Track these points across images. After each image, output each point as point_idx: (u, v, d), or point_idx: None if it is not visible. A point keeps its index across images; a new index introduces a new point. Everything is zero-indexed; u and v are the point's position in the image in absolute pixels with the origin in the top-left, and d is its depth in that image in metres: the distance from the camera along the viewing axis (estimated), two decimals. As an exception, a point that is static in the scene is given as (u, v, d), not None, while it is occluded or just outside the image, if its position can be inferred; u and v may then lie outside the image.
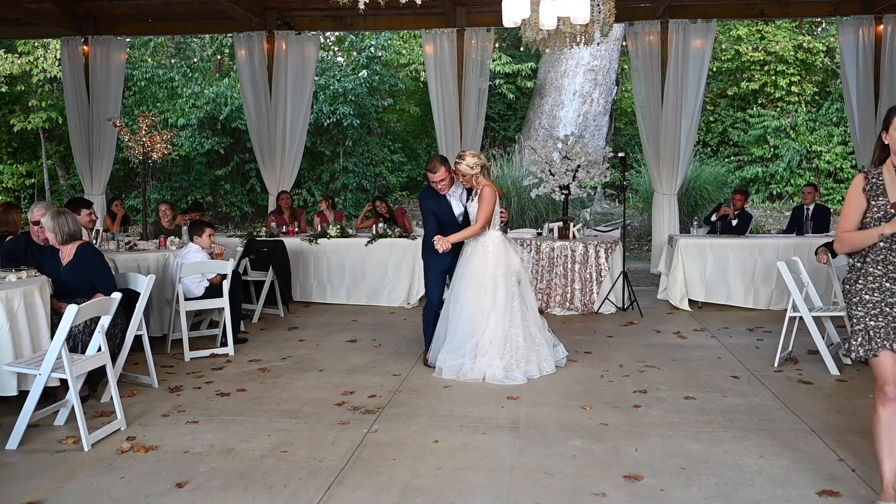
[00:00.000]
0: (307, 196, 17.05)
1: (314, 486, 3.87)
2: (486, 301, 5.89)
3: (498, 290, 5.91)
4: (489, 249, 5.97)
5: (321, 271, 9.43)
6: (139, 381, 5.76)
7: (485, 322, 5.90)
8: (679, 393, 5.47)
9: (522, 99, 18.37)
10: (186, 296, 6.76)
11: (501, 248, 6.00)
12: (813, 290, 6.44)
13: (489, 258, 5.95)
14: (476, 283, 5.92)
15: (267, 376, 6.05)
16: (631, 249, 14.10)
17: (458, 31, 10.74)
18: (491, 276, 5.91)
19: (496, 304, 5.89)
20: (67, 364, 4.39)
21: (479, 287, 5.91)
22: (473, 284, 5.93)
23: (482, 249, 5.98)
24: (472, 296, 5.92)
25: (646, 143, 10.72)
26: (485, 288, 5.91)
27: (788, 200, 16.86)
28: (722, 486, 3.81)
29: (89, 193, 11.48)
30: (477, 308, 5.90)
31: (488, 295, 5.91)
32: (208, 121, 16.86)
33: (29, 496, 3.76)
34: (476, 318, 5.90)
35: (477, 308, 5.90)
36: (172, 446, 4.45)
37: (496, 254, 5.96)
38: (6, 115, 17.28)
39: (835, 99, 17.61)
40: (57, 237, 5.46)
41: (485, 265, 5.95)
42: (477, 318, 5.90)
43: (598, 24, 6.67)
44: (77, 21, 11.29)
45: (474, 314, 5.90)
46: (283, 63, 11.06)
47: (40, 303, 4.95)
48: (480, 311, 5.89)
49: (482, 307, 5.89)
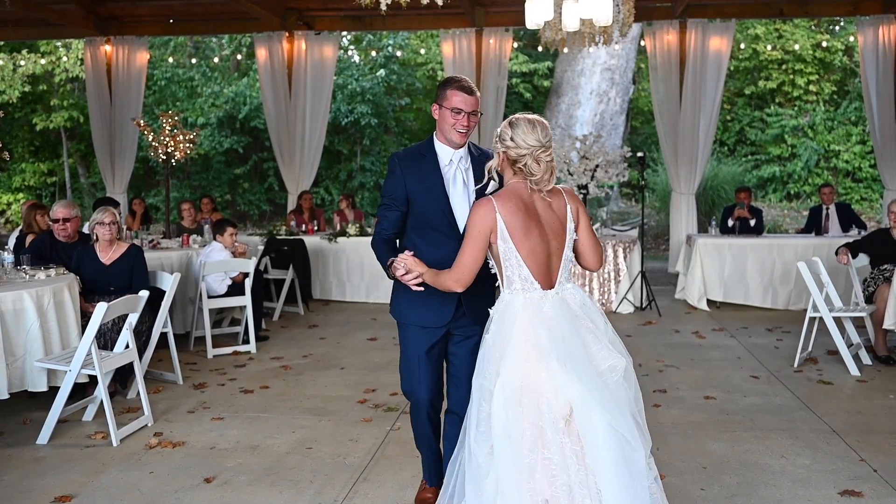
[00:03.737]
0: (324, 195, 17.15)
1: (340, 482, 3.93)
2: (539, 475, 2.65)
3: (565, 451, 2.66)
4: (516, 338, 2.76)
5: (340, 270, 9.50)
6: (164, 377, 5.85)
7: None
8: (699, 392, 5.50)
9: (539, 98, 18.37)
10: (209, 294, 6.85)
11: (547, 345, 2.72)
12: (833, 290, 6.44)
13: (520, 365, 2.72)
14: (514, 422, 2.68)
15: (289, 374, 6.12)
16: (648, 249, 14.09)
17: (477, 32, 10.77)
18: (538, 415, 2.67)
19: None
20: (97, 361, 4.48)
21: (522, 434, 2.67)
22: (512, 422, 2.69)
23: (504, 338, 2.79)
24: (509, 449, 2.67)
25: (664, 142, 10.72)
26: (535, 438, 2.67)
27: (806, 200, 16.78)
28: (744, 486, 3.83)
29: (111, 192, 11.61)
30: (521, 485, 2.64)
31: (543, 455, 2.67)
32: (227, 120, 16.99)
33: (61, 490, 3.84)
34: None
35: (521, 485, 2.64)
36: (199, 442, 4.53)
37: (536, 357, 2.71)
38: (28, 115, 17.49)
39: (853, 98, 17.50)
40: (116, 235, 5.68)
41: (519, 383, 2.70)
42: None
43: (618, 24, 6.69)
44: (99, 22, 11.41)
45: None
46: (303, 63, 11.13)
47: (69, 300, 5.04)
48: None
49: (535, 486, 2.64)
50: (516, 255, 2.81)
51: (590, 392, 2.61)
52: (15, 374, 4.70)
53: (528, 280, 2.82)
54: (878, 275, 6.66)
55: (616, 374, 2.68)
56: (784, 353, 6.70)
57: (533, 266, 2.81)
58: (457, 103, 3.18)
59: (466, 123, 3.20)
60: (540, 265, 2.83)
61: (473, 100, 3.21)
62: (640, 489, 2.59)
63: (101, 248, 5.65)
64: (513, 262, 2.82)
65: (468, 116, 3.20)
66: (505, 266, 2.84)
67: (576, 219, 2.91)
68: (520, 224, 2.80)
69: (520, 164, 2.83)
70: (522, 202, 2.83)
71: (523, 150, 2.81)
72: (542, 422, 2.64)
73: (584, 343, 2.72)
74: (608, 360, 2.70)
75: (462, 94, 3.19)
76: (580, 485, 2.60)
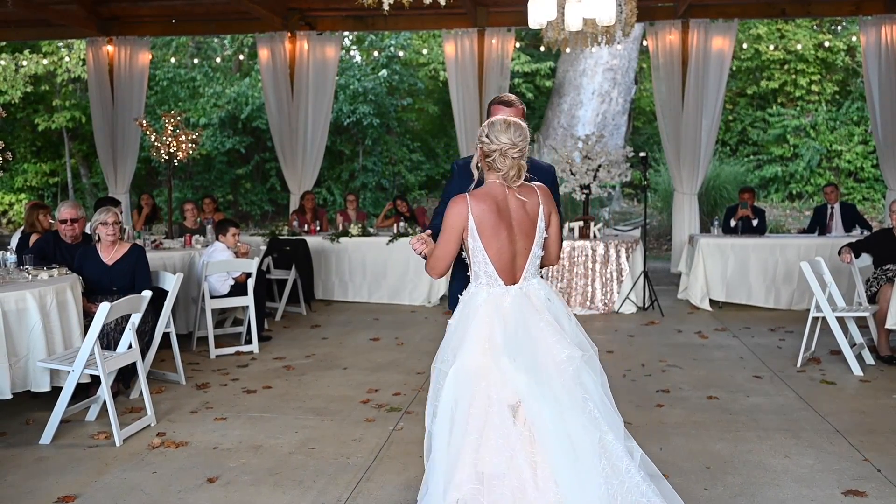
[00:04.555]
0: (326, 195, 17.16)
1: (343, 482, 3.93)
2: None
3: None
4: (474, 330, 2.96)
5: (343, 270, 9.50)
6: (167, 377, 5.85)
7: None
8: (702, 392, 5.49)
9: (541, 98, 18.35)
10: (212, 294, 6.85)
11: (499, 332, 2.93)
12: (836, 290, 6.43)
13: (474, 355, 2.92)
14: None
15: (292, 374, 6.12)
16: (651, 249, 14.08)
17: (479, 32, 10.77)
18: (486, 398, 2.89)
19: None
20: (100, 361, 4.48)
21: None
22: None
23: (464, 328, 3.00)
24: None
25: (666, 142, 10.71)
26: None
27: (808, 200, 16.76)
28: (747, 486, 3.83)
29: (113, 192, 11.61)
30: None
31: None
32: (229, 120, 17.00)
33: (64, 490, 3.84)
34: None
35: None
36: (202, 442, 4.53)
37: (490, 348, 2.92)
38: (30, 115, 17.52)
39: (855, 98, 17.48)
40: (119, 235, 5.69)
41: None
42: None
43: (620, 24, 6.69)
44: (101, 22, 11.41)
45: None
46: (305, 63, 11.13)
47: (72, 300, 5.04)
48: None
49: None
50: (483, 252, 2.98)
51: (537, 383, 2.82)
52: (18, 374, 4.70)
53: (493, 276, 3.00)
54: (880, 275, 6.65)
55: (573, 363, 2.87)
56: (787, 352, 6.69)
57: (498, 264, 2.99)
58: (496, 114, 3.38)
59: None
60: (505, 263, 3.00)
61: (513, 111, 3.46)
62: (590, 471, 2.75)
63: (103, 248, 5.65)
64: (479, 259, 3.00)
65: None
66: (473, 261, 3.02)
67: (547, 219, 3.06)
68: (490, 224, 2.97)
69: (489, 159, 3.00)
70: (496, 203, 2.99)
71: (494, 147, 2.97)
72: (491, 408, 2.84)
73: (540, 335, 2.91)
74: (565, 350, 2.89)
75: (503, 108, 3.51)
76: (529, 465, 2.80)
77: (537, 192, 3.06)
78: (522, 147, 2.98)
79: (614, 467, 2.80)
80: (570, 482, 2.75)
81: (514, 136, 2.96)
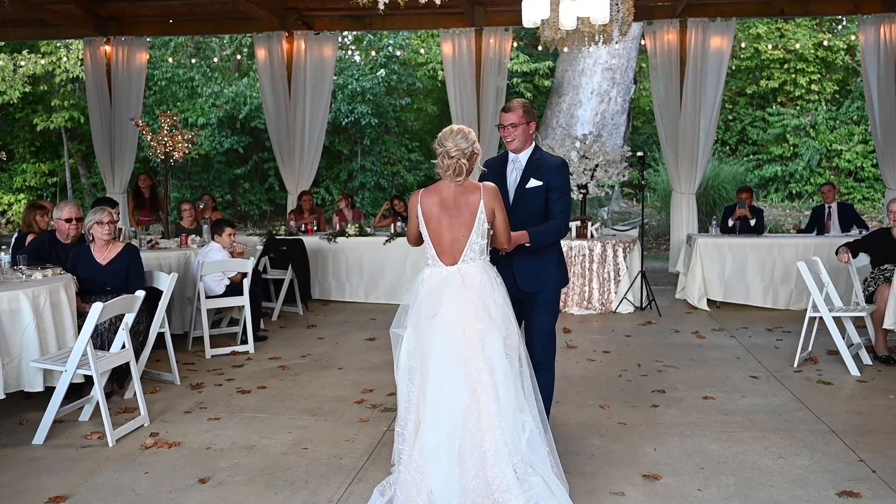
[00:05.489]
0: (325, 195, 17.14)
1: (335, 482, 3.91)
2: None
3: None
4: (417, 302, 3.69)
5: (340, 270, 9.48)
6: (161, 378, 5.84)
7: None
8: (698, 393, 5.47)
9: (540, 98, 18.34)
10: (207, 294, 6.84)
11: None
12: (833, 290, 6.41)
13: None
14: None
15: (287, 374, 6.10)
16: (649, 249, 14.07)
17: (477, 31, 10.74)
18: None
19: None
20: (93, 361, 4.46)
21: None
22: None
23: (412, 300, 3.74)
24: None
25: (664, 142, 10.69)
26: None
27: (808, 199, 16.74)
28: (741, 487, 3.81)
29: (110, 192, 11.59)
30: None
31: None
32: (228, 120, 16.99)
33: (55, 490, 3.83)
34: None
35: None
36: (195, 442, 4.51)
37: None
38: (29, 115, 17.51)
39: (855, 97, 17.46)
40: (113, 235, 5.68)
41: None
42: None
43: (617, 23, 6.66)
44: (99, 22, 11.40)
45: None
46: (302, 63, 11.11)
47: (66, 300, 5.03)
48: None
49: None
50: (428, 237, 3.66)
51: (445, 349, 3.46)
52: (11, 375, 4.69)
53: (434, 258, 3.66)
54: (878, 274, 6.63)
55: (477, 334, 3.46)
56: (784, 353, 6.67)
57: (438, 248, 3.64)
58: (500, 120, 4.18)
59: (506, 134, 4.14)
60: (445, 248, 3.62)
61: (508, 115, 4.13)
62: (452, 428, 3.39)
63: (97, 247, 5.64)
64: (427, 243, 3.68)
65: (506, 129, 4.13)
66: (424, 245, 3.70)
67: (489, 214, 3.61)
68: (434, 214, 3.62)
69: (436, 158, 3.64)
70: (440, 197, 3.64)
71: (439, 150, 3.62)
72: (428, 363, 3.48)
73: (451, 301, 3.52)
74: (478, 324, 3.47)
75: (502, 113, 4.18)
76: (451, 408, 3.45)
77: (481, 191, 3.60)
78: (463, 149, 3.57)
79: (489, 431, 3.39)
80: (435, 428, 3.40)
81: (457, 141, 3.58)
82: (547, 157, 4.19)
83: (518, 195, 4.10)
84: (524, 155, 4.17)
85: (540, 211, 4.09)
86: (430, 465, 3.39)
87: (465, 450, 3.39)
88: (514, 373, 3.46)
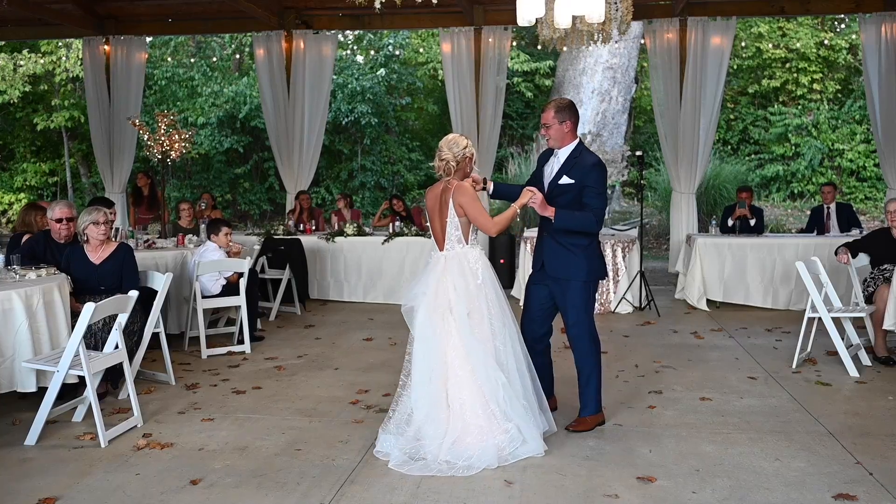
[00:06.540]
0: (325, 194, 17.12)
1: (327, 484, 3.88)
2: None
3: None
4: (420, 282, 4.61)
5: (338, 270, 9.46)
6: (156, 378, 5.81)
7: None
8: (695, 394, 5.44)
9: (541, 97, 18.30)
10: (204, 294, 6.81)
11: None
12: (832, 290, 6.37)
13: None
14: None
15: (282, 374, 6.08)
16: (648, 248, 14.03)
17: (476, 30, 10.71)
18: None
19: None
20: (85, 361, 4.44)
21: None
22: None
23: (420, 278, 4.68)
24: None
25: (664, 141, 10.64)
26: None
27: (809, 199, 16.68)
28: (736, 489, 3.78)
29: (109, 192, 11.58)
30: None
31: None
32: (228, 119, 16.97)
33: (46, 492, 3.81)
34: None
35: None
36: (188, 443, 4.49)
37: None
38: (30, 115, 17.51)
39: (857, 97, 17.39)
40: (108, 234, 5.67)
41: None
42: None
43: (616, 22, 6.61)
44: (98, 21, 11.38)
45: None
46: (301, 62, 11.08)
47: (59, 300, 5.01)
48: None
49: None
50: (430, 227, 4.46)
51: (426, 318, 4.28)
52: (4, 375, 4.68)
53: (433, 244, 4.48)
54: (878, 275, 6.59)
55: (449, 305, 4.24)
56: (783, 353, 6.63)
57: (434, 236, 4.44)
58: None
59: (544, 133, 4.60)
60: (437, 236, 4.40)
61: (542, 116, 4.60)
62: (436, 393, 4.21)
63: (91, 247, 5.61)
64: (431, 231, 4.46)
65: (544, 128, 4.57)
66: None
67: (458, 209, 4.26)
68: (430, 208, 4.43)
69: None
70: (434, 194, 4.40)
71: (437, 153, 4.35)
72: (415, 326, 4.33)
73: (442, 287, 4.27)
74: (457, 305, 4.22)
75: (542, 114, 4.61)
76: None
77: (453, 189, 4.26)
78: (455, 153, 4.28)
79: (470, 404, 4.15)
80: (418, 397, 4.23)
81: (450, 146, 4.31)
82: (586, 155, 4.53)
83: (551, 189, 4.52)
84: (564, 151, 4.56)
85: (571, 206, 4.46)
86: (420, 400, 4.24)
87: (450, 393, 4.21)
88: (481, 338, 4.20)
